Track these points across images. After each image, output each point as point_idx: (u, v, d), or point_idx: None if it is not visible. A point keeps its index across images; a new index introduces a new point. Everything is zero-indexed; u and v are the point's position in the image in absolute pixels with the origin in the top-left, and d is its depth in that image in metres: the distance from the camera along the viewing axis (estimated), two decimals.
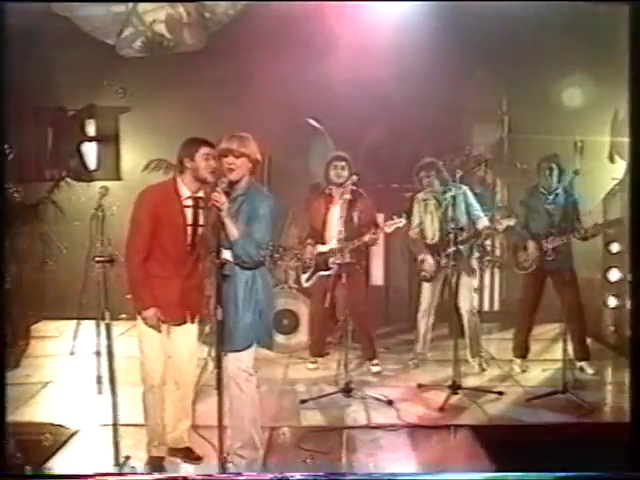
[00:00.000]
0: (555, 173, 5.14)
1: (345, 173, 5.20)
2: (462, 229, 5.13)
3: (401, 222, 5.00)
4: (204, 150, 3.54)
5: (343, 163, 5.22)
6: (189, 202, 3.58)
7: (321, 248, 5.31)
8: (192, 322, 3.71)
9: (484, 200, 6.02)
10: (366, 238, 5.04)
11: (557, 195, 5.17)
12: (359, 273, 5.28)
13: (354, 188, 5.09)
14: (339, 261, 4.95)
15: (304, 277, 5.48)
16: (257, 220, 3.48)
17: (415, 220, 5.46)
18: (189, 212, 3.58)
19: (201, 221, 3.61)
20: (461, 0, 5.78)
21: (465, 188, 5.38)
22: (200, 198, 3.61)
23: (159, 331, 3.60)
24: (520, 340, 5.45)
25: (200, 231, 3.61)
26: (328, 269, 5.17)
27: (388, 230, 5.02)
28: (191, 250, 3.62)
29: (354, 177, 5.00)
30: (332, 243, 5.14)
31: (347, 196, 5.03)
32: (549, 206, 5.18)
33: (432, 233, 5.40)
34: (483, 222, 5.33)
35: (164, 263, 3.58)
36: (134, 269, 3.54)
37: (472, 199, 5.40)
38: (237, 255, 3.44)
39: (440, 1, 5.85)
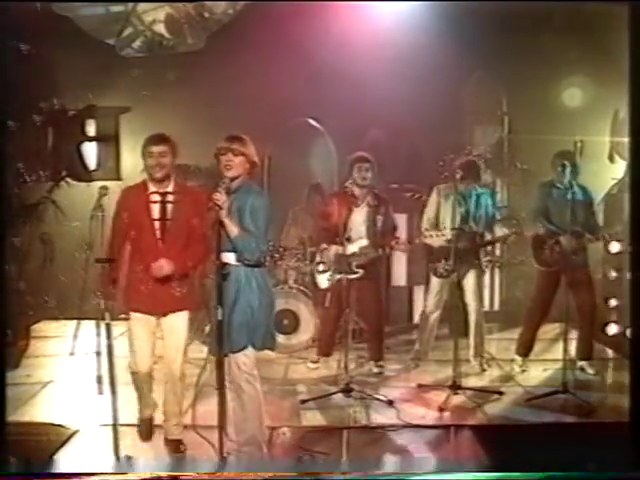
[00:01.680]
0: (567, 170, 4.97)
1: (369, 175, 5.13)
2: (479, 233, 5.11)
3: (444, 236, 4.89)
4: (148, 149, 3.68)
5: (367, 165, 5.13)
6: (156, 197, 3.65)
7: (339, 249, 5.08)
8: (161, 316, 3.74)
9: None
10: (401, 247, 5.00)
11: (575, 193, 4.94)
12: (375, 274, 5.26)
13: (377, 192, 5.11)
14: (362, 263, 4.93)
15: (323, 277, 5.32)
16: (253, 215, 3.50)
17: (431, 211, 5.32)
18: (156, 207, 3.64)
19: (169, 216, 3.67)
20: (461, 0, 5.78)
21: (488, 191, 5.35)
22: (168, 193, 3.68)
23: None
24: (526, 338, 5.41)
25: (168, 225, 3.66)
26: (352, 272, 4.99)
27: (429, 241, 4.93)
28: (163, 245, 3.66)
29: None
30: (355, 246, 5.05)
31: (373, 201, 5.04)
32: (568, 201, 4.90)
33: (448, 228, 5.14)
34: (502, 229, 5.29)
35: (138, 259, 3.66)
36: (118, 270, 3.67)
37: (490, 202, 5.33)
38: (239, 252, 3.45)
39: (440, 1, 5.85)
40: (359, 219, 5.15)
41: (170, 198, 3.68)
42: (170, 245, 3.69)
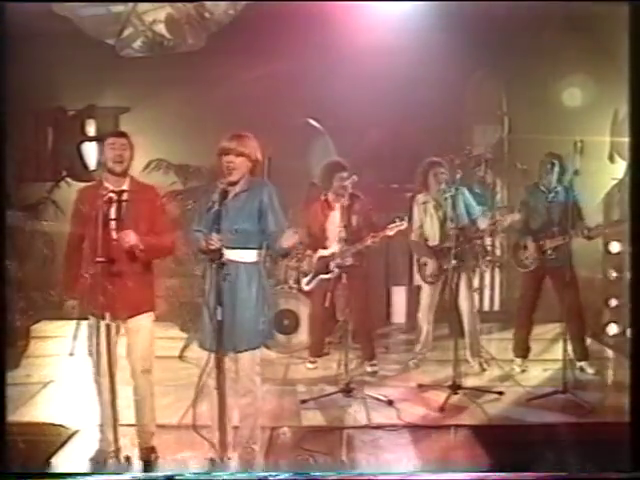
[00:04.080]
0: (556, 170, 5.12)
1: (349, 183, 5.06)
2: (462, 229, 5.12)
3: (403, 225, 4.96)
4: (109, 140, 3.70)
5: (346, 174, 5.13)
6: (112, 196, 3.58)
7: (322, 252, 5.30)
8: (123, 321, 3.69)
9: (484, 200, 6.02)
10: (368, 242, 5.00)
11: (557, 193, 5.16)
12: (360, 274, 5.27)
13: (351, 191, 5.11)
14: (340, 263, 4.95)
15: (304, 280, 5.48)
16: (269, 211, 3.55)
17: (416, 222, 5.46)
18: (112, 207, 3.58)
19: (124, 214, 3.60)
20: (462, 0, 5.78)
21: (463, 188, 5.38)
22: (123, 191, 3.64)
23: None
24: (520, 339, 5.44)
25: (124, 224, 3.60)
26: (329, 272, 5.13)
27: (390, 233, 4.96)
28: (119, 244, 3.58)
29: (354, 177, 5.00)
30: (333, 247, 5.12)
31: (345, 202, 5.02)
32: (549, 204, 5.17)
33: (433, 235, 5.42)
34: (484, 220, 5.33)
35: (94, 260, 3.52)
36: (69, 266, 3.77)
37: (470, 199, 5.39)
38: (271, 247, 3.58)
39: (440, 1, 5.84)
40: (335, 221, 5.14)
41: (125, 197, 3.62)
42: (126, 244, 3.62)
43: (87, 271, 3.59)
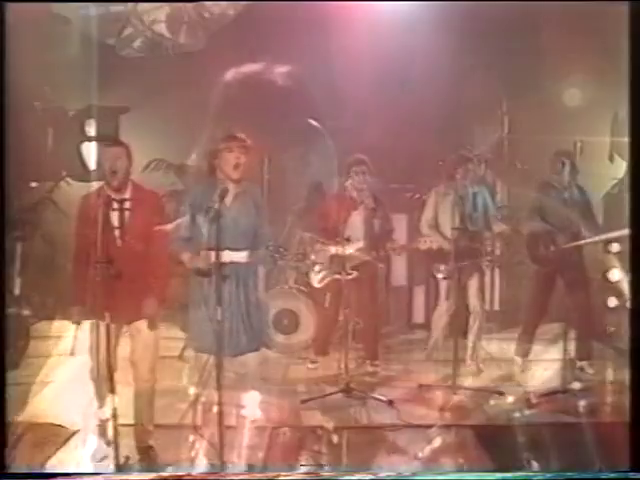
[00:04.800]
0: (567, 168, 5.05)
1: (367, 177, 5.14)
2: (479, 232, 5.10)
3: (435, 243, 4.92)
4: (103, 151, 3.74)
5: (364, 168, 5.16)
6: (114, 205, 3.56)
7: (335, 250, 5.15)
8: (112, 321, 3.60)
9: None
10: (396, 252, 4.98)
11: (572, 191, 5.07)
12: (373, 273, 5.26)
13: (376, 195, 5.14)
14: (357, 264, 4.92)
15: (317, 277, 5.39)
16: (262, 211, 3.63)
17: (429, 212, 5.37)
18: (115, 214, 3.57)
19: (127, 222, 3.58)
20: (461, 0, 5.78)
21: (485, 188, 5.35)
22: (125, 200, 3.61)
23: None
24: (525, 338, 5.42)
25: (127, 232, 3.58)
26: (346, 273, 4.97)
27: (422, 247, 4.92)
28: (123, 252, 3.56)
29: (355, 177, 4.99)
30: (351, 248, 5.02)
31: (371, 204, 5.04)
32: (565, 201, 5.05)
33: (447, 229, 5.23)
34: (500, 225, 5.28)
35: (100, 266, 3.48)
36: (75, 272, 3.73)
37: (489, 199, 5.34)
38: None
39: (440, 1, 5.85)
40: (357, 221, 5.16)
41: (128, 205, 3.59)
42: (130, 250, 3.60)
43: (92, 277, 3.54)
